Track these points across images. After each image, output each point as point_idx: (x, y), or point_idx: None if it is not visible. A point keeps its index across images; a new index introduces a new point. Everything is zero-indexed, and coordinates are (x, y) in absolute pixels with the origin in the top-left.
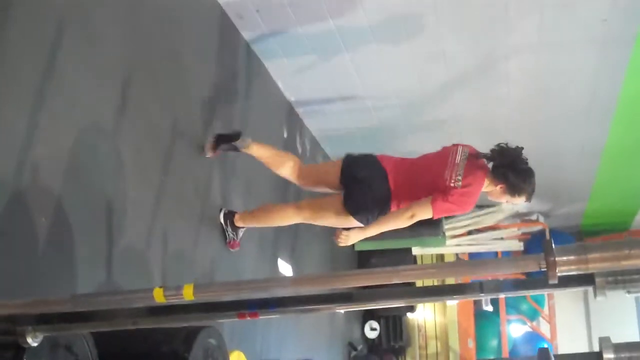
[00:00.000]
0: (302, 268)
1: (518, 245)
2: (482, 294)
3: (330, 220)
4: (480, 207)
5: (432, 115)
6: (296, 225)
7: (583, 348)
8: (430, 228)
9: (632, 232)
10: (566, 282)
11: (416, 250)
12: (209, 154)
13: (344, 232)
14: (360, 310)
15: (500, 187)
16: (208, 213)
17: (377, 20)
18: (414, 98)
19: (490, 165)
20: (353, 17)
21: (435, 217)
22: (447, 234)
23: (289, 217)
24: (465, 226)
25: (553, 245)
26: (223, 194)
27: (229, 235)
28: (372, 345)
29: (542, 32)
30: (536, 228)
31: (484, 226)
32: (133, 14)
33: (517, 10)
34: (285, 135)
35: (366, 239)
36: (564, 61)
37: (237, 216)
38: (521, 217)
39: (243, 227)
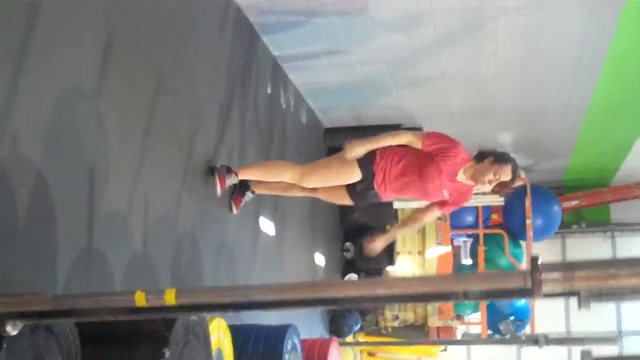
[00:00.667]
0: (285, 226)
1: (499, 200)
2: (466, 300)
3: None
4: None
5: (418, 72)
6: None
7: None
8: None
9: (611, 188)
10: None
11: (397, 204)
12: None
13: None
14: (340, 262)
15: (488, 159)
16: (191, 172)
17: None
18: (400, 54)
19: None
20: None
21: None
22: None
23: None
24: None
25: (539, 261)
26: (208, 151)
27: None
28: None
29: None
30: (517, 183)
31: None
32: None
33: None
34: (269, 90)
35: None
36: (553, 21)
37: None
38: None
39: (253, 191)
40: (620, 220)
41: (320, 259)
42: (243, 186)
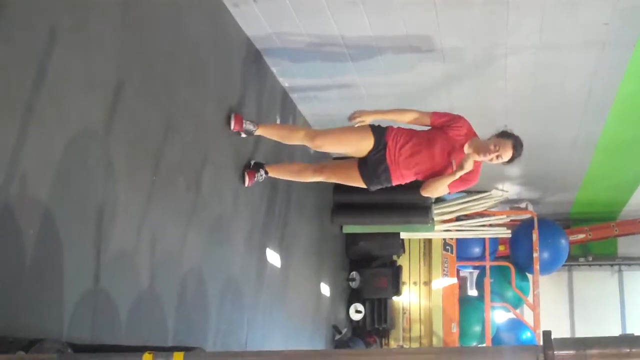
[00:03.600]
0: (291, 257)
1: (506, 233)
2: None
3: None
4: (469, 192)
5: (427, 106)
6: (285, 212)
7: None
8: (419, 215)
9: (619, 222)
10: None
11: (404, 234)
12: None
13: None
14: (346, 292)
15: (492, 135)
16: (199, 209)
17: (377, 22)
18: (409, 88)
19: None
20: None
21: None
22: (436, 219)
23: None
24: (454, 212)
25: (552, 337)
26: (215, 188)
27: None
28: (356, 327)
29: (542, 33)
30: (525, 216)
31: (473, 212)
32: (125, 17)
33: (518, 11)
34: (278, 121)
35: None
36: (563, 60)
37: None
38: (510, 205)
39: (266, 171)
40: (627, 255)
41: (325, 289)
42: (258, 165)
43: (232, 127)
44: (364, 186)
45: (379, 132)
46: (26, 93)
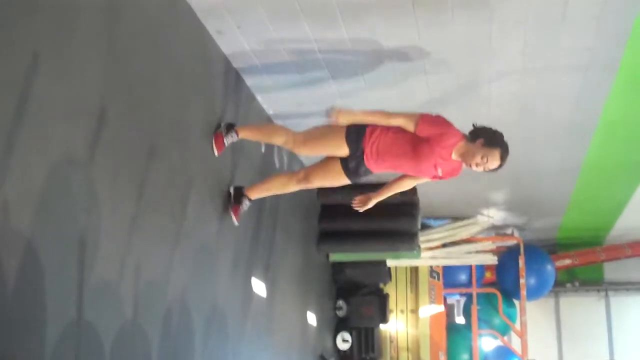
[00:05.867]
0: (277, 286)
1: (492, 259)
2: None
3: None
4: (455, 219)
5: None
6: (271, 240)
7: None
8: (405, 243)
9: (605, 247)
10: None
11: (391, 262)
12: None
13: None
14: (333, 321)
15: (479, 141)
16: (183, 238)
17: (363, 50)
18: None
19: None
20: (336, 38)
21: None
22: (422, 246)
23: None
24: (440, 239)
25: None
26: (200, 217)
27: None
28: (343, 356)
29: (525, 59)
30: (511, 242)
31: (459, 239)
32: (109, 43)
33: (501, 37)
34: (262, 149)
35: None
36: (547, 85)
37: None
38: (496, 231)
39: (249, 199)
40: (614, 280)
41: (312, 318)
42: (238, 195)
43: (216, 153)
44: (349, 182)
45: (356, 139)
46: (7, 120)
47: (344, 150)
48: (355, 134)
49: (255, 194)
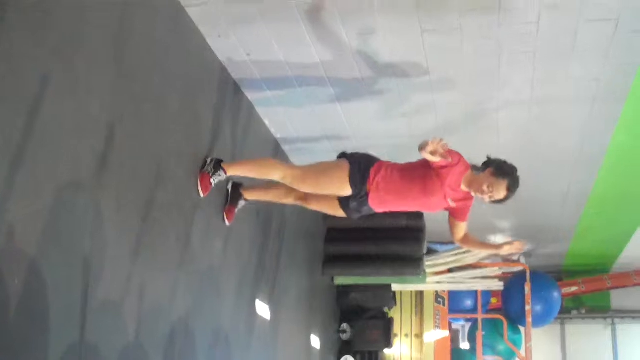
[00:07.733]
0: (281, 308)
1: (498, 285)
2: None
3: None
4: None
5: (417, 158)
6: (276, 263)
7: None
8: (411, 267)
9: (612, 275)
10: None
11: (396, 287)
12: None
13: None
14: (337, 344)
15: (489, 170)
16: (188, 260)
17: (369, 72)
18: (401, 141)
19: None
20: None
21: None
22: (428, 271)
23: (282, 170)
24: (446, 264)
25: None
26: (205, 238)
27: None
28: None
29: (534, 88)
30: (517, 268)
31: (465, 264)
32: (117, 64)
33: (510, 66)
34: None
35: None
36: (554, 114)
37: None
38: (502, 257)
39: (245, 199)
40: (620, 308)
41: (316, 341)
42: (235, 193)
43: (202, 195)
44: (345, 216)
45: (358, 182)
46: (15, 141)
47: (345, 192)
48: (360, 175)
49: (253, 195)
